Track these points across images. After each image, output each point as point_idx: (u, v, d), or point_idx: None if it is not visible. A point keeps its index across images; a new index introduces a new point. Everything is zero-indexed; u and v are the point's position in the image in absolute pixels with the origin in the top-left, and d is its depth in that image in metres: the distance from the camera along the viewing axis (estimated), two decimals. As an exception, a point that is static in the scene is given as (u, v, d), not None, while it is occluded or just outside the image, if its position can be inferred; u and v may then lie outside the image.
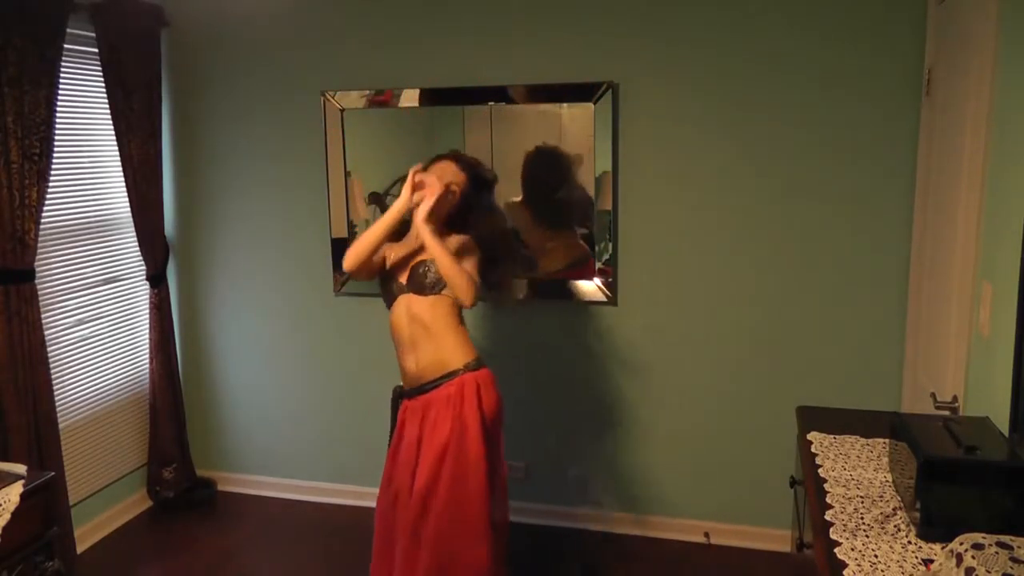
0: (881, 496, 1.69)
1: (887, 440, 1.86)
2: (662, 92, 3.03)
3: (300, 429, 3.70)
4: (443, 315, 2.43)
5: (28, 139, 2.74)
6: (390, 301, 2.50)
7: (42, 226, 2.87)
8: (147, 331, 3.57)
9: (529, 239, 3.24)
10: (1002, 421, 1.66)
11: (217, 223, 3.62)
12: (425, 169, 2.47)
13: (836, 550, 1.49)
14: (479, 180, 2.54)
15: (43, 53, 2.77)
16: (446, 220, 2.47)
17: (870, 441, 1.99)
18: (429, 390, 2.42)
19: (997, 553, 1.19)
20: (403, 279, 2.46)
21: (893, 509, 1.63)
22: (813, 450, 1.96)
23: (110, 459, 3.46)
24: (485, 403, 2.39)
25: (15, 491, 2.15)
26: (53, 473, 2.34)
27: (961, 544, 1.24)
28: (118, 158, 3.28)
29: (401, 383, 2.56)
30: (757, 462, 3.15)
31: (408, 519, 2.38)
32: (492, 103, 3.17)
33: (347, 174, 3.38)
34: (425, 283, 2.42)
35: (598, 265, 3.19)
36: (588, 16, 3.05)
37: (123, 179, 3.31)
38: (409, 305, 2.44)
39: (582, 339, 3.29)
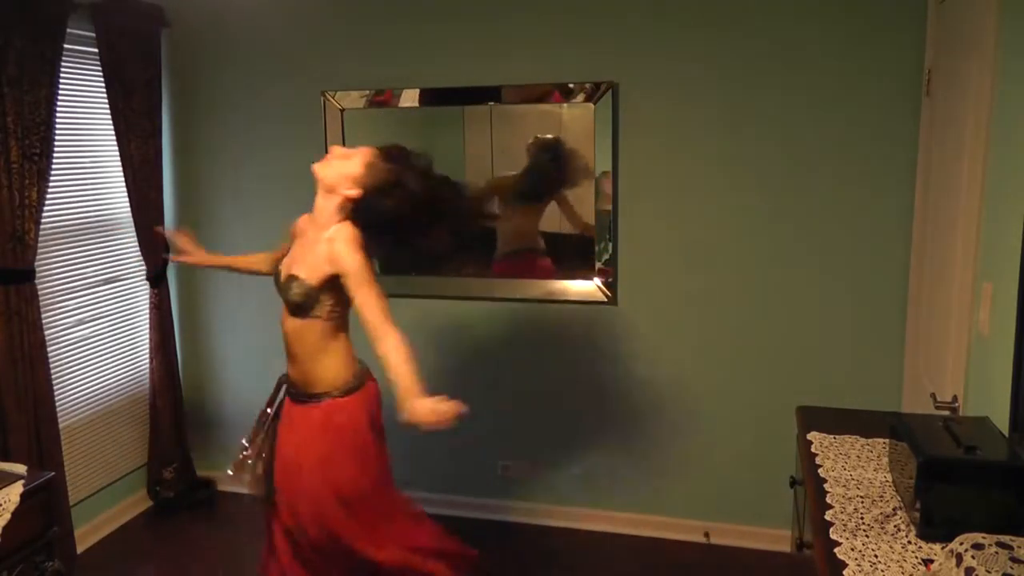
0: (881, 496, 1.69)
1: (887, 440, 1.85)
2: (662, 92, 3.03)
3: (300, 429, 3.69)
4: (313, 340, 2.26)
5: (28, 139, 2.74)
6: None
7: (42, 226, 2.87)
8: (147, 331, 3.57)
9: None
10: (1002, 421, 1.66)
11: (217, 223, 3.62)
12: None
13: (836, 550, 1.48)
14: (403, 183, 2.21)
15: (43, 53, 2.77)
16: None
17: (870, 441, 1.98)
18: (302, 402, 2.32)
19: (997, 553, 1.19)
20: (281, 282, 2.29)
21: (893, 509, 1.62)
22: (813, 450, 1.95)
23: (110, 459, 3.46)
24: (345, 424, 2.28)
25: (15, 491, 2.15)
26: (53, 473, 2.34)
27: (961, 544, 1.24)
28: (118, 158, 3.28)
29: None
30: (757, 462, 3.15)
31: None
32: (492, 103, 3.17)
33: (347, 174, 3.38)
34: (291, 302, 2.24)
35: (598, 265, 3.19)
36: (588, 16, 3.05)
37: (123, 179, 3.31)
38: (283, 318, 2.31)
39: (582, 339, 3.28)
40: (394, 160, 2.26)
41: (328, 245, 2.19)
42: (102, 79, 3.19)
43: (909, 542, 1.50)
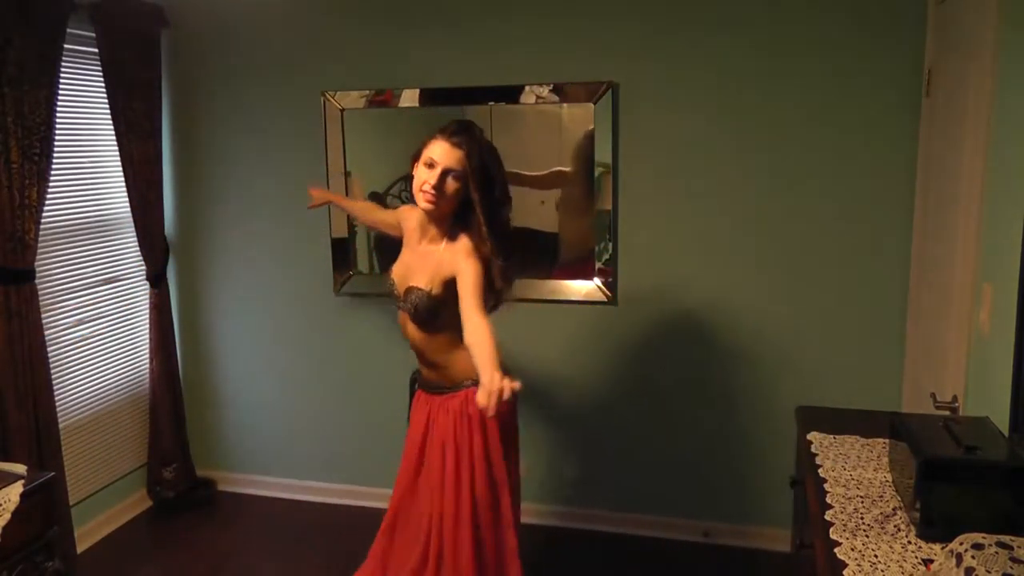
0: (881, 496, 1.69)
1: (887, 440, 1.86)
2: (662, 92, 3.03)
3: (300, 429, 3.70)
4: (441, 347, 2.29)
5: (28, 139, 2.73)
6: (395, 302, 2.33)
7: (42, 226, 2.86)
8: (147, 331, 3.57)
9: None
10: (1002, 421, 1.67)
11: (217, 223, 3.62)
12: (419, 151, 2.20)
13: (836, 550, 1.49)
14: (486, 165, 2.17)
15: (43, 53, 2.77)
16: (450, 214, 2.20)
17: (870, 441, 1.99)
18: (437, 394, 2.34)
19: (997, 553, 1.19)
20: (400, 293, 2.28)
21: (893, 509, 1.63)
22: (813, 450, 1.96)
23: (110, 459, 3.46)
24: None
25: (15, 491, 2.15)
26: (53, 473, 2.35)
27: (961, 544, 1.24)
28: (118, 158, 3.28)
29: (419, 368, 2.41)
30: (757, 462, 3.15)
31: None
32: (492, 103, 3.17)
33: (347, 174, 3.38)
34: (417, 316, 2.24)
35: (598, 265, 3.19)
36: (588, 16, 3.05)
37: (123, 179, 3.31)
38: (406, 324, 2.31)
39: (582, 339, 3.28)
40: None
41: (450, 255, 2.17)
42: (102, 79, 3.19)
43: (909, 542, 1.50)
